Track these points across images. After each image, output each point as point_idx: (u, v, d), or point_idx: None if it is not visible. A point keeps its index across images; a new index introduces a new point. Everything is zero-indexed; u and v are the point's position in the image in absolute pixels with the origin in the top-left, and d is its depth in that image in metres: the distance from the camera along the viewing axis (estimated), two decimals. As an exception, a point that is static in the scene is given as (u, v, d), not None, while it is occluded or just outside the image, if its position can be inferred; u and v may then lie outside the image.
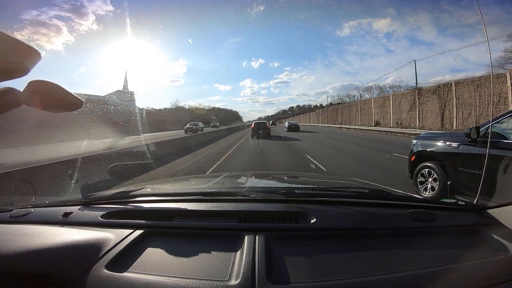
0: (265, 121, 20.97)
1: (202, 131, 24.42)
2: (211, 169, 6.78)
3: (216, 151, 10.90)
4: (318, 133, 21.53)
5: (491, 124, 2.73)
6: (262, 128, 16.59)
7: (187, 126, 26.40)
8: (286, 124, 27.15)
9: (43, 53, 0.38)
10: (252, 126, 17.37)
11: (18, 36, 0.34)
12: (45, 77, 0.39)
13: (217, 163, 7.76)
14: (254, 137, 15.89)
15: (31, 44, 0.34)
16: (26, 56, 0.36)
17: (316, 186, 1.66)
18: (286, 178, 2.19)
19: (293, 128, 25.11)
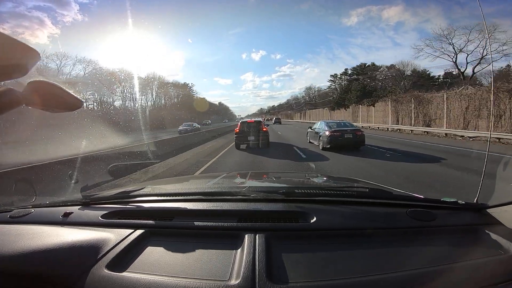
0: (260, 120, 11.83)
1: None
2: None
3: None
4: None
5: (491, 125, 2.72)
6: (254, 133, 9.62)
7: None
8: (326, 130, 8.80)
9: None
10: (238, 129, 10.01)
11: None
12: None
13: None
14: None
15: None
16: (26, 56, 0.36)
17: (316, 186, 1.65)
18: (286, 178, 2.19)
19: (352, 140, 8.57)
